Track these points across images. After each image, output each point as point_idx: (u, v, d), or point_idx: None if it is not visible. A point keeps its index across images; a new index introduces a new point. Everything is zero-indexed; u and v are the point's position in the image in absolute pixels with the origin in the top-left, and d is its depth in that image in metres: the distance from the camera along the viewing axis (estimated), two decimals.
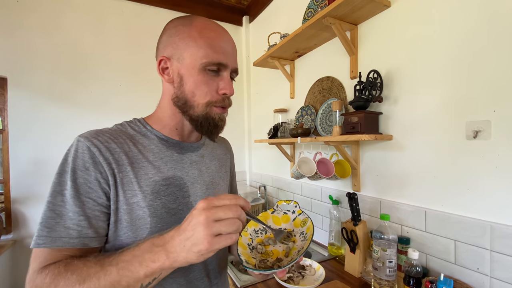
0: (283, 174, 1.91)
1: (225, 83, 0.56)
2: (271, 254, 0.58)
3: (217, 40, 0.55)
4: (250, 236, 0.62)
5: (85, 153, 0.50)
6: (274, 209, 0.68)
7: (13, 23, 1.64)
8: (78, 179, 0.48)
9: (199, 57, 0.53)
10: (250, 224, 0.64)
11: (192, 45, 0.54)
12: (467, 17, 0.84)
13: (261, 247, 0.60)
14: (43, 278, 0.43)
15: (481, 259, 0.81)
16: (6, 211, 1.63)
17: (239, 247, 0.57)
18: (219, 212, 0.40)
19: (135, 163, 0.54)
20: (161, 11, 2.11)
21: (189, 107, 0.56)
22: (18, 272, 1.65)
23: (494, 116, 0.79)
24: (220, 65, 0.55)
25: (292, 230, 0.63)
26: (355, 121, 1.08)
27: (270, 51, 1.62)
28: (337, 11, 1.10)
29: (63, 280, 0.42)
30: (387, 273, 0.92)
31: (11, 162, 1.63)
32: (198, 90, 0.55)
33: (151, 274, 0.42)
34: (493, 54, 0.79)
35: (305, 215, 0.63)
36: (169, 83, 0.58)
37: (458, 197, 0.88)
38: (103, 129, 0.56)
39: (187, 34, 0.55)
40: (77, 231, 0.47)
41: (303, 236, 0.58)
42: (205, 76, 0.54)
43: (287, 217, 0.66)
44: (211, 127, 0.58)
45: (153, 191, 0.54)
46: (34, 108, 1.68)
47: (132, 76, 1.99)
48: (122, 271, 0.42)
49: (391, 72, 1.09)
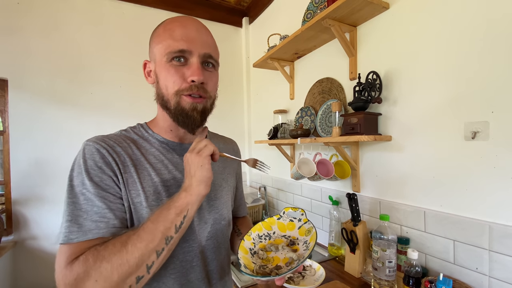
0: (283, 175, 1.91)
1: (192, 69, 0.54)
2: (272, 260, 0.59)
3: (178, 29, 0.55)
4: (253, 241, 0.62)
5: (95, 154, 0.52)
6: (281, 216, 0.68)
7: (14, 25, 1.65)
8: (93, 178, 0.50)
9: (163, 49, 0.55)
10: (254, 229, 0.65)
11: (158, 41, 0.56)
12: (465, 18, 0.85)
13: (263, 252, 0.60)
14: (82, 262, 0.43)
15: (480, 259, 0.82)
16: (7, 212, 1.64)
17: (240, 251, 0.58)
18: (202, 154, 0.53)
19: (138, 165, 0.56)
20: (162, 13, 2.12)
21: (166, 101, 0.57)
22: (18, 273, 1.65)
23: (492, 117, 0.79)
24: (182, 51, 0.54)
25: (296, 238, 0.63)
26: (355, 122, 1.09)
27: (269, 53, 1.62)
28: (336, 13, 1.11)
29: (106, 252, 0.44)
30: (387, 273, 0.93)
31: (11, 163, 1.63)
32: (168, 81, 0.55)
33: (180, 212, 0.49)
34: (492, 55, 0.80)
35: (310, 224, 0.63)
36: (151, 83, 0.61)
37: (457, 198, 0.89)
38: (109, 134, 0.59)
39: (156, 33, 0.58)
40: (105, 222, 0.49)
41: (306, 246, 0.59)
42: (171, 67, 0.55)
43: (292, 224, 0.66)
44: (184, 118, 0.57)
45: (155, 192, 0.55)
46: (34, 110, 1.69)
47: (132, 78, 1.99)
48: (156, 220, 0.48)
49: (390, 73, 1.09)
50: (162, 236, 0.47)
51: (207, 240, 0.62)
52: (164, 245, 0.47)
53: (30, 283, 1.67)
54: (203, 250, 0.62)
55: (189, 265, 0.59)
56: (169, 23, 0.57)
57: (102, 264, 0.43)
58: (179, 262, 0.58)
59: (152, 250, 0.46)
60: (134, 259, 0.44)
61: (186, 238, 0.58)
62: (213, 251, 0.64)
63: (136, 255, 0.44)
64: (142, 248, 0.45)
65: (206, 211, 0.63)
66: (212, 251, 0.63)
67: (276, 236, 0.65)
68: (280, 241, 0.63)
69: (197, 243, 0.61)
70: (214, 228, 0.64)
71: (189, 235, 0.59)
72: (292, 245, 0.62)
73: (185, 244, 0.59)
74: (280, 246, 0.61)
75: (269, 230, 0.66)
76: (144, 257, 0.45)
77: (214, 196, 0.66)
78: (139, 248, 0.45)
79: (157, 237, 0.46)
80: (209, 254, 0.63)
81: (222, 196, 0.68)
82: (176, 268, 0.57)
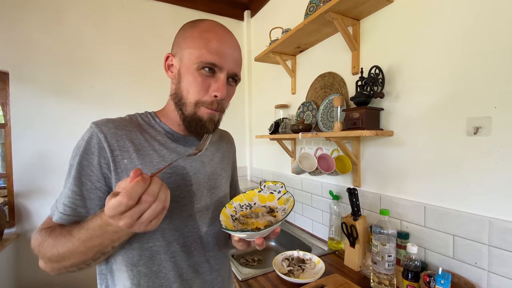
0: (283, 169, 1.92)
1: (217, 85, 0.56)
2: (251, 225, 0.60)
3: (215, 42, 0.55)
4: (234, 209, 0.64)
5: (93, 138, 0.54)
6: (261, 189, 0.70)
7: (14, 17, 1.63)
8: (83, 161, 0.53)
9: (195, 56, 0.55)
10: (236, 199, 0.66)
11: (190, 45, 0.56)
12: (469, 12, 0.84)
13: (243, 218, 0.62)
14: (37, 236, 0.52)
15: (479, 254, 0.83)
16: (9, 204, 1.65)
17: (222, 215, 0.59)
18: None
19: (141, 150, 0.57)
20: (163, 6, 2.10)
21: (182, 104, 0.59)
22: (21, 265, 1.67)
23: (495, 112, 0.79)
24: (214, 65, 0.55)
25: (276, 207, 0.65)
26: (356, 117, 1.09)
27: (271, 46, 1.61)
28: (340, 6, 1.10)
29: (45, 242, 0.50)
30: (386, 267, 0.94)
31: (13, 156, 1.64)
32: (191, 88, 0.57)
33: (112, 242, 0.48)
34: (495, 50, 0.79)
35: (289, 194, 0.65)
36: (171, 78, 0.61)
37: (458, 193, 0.89)
38: (115, 118, 0.60)
39: (189, 34, 0.57)
40: (72, 208, 0.53)
41: (284, 212, 0.60)
42: (199, 75, 0.56)
43: (272, 196, 0.68)
44: (198, 128, 0.59)
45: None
46: (36, 102, 1.69)
47: (133, 71, 1.98)
48: (86, 244, 0.47)
49: (393, 68, 1.09)
50: (94, 253, 0.49)
51: (208, 226, 0.65)
52: (100, 255, 0.50)
53: (32, 274, 1.69)
54: (203, 236, 0.63)
55: (189, 250, 0.61)
56: (206, 30, 0.56)
57: (43, 248, 0.50)
58: (179, 246, 0.59)
59: (85, 260, 0.50)
60: (69, 263, 0.50)
61: (186, 224, 0.60)
62: (213, 237, 0.66)
63: (70, 263, 0.50)
64: (75, 259, 0.49)
65: (208, 198, 0.65)
66: (212, 237, 0.65)
67: (257, 206, 0.67)
68: (260, 210, 0.65)
69: (197, 228, 0.62)
70: (214, 215, 0.66)
71: (189, 221, 0.61)
72: (272, 212, 0.63)
73: (185, 229, 0.60)
74: (260, 213, 0.63)
75: (250, 201, 0.68)
76: (79, 264, 0.50)
77: (215, 184, 0.68)
78: (73, 258, 0.49)
79: (89, 255, 0.49)
80: (210, 240, 0.65)
81: (222, 185, 0.71)
82: (176, 252, 0.59)
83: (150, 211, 0.38)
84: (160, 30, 2.07)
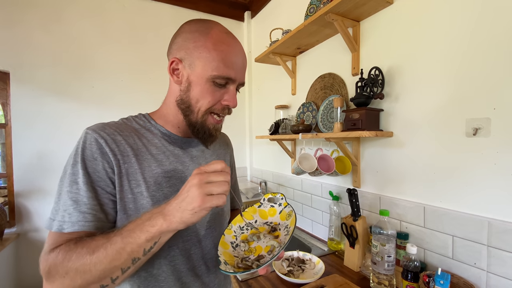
0: (283, 170, 1.92)
1: (230, 96, 0.58)
2: (254, 251, 0.58)
3: (230, 55, 0.56)
4: (234, 234, 0.62)
5: (93, 144, 0.52)
6: (261, 203, 0.68)
7: (15, 17, 1.64)
8: (88, 168, 0.51)
9: (210, 68, 0.55)
10: (235, 221, 0.65)
11: (205, 56, 0.55)
12: (469, 14, 0.85)
13: (244, 244, 0.60)
14: (55, 255, 0.46)
15: (478, 254, 0.83)
16: (10, 204, 1.65)
17: (220, 246, 0.58)
18: (211, 176, 0.45)
19: (139, 155, 0.57)
20: (163, 6, 2.10)
21: (190, 111, 0.59)
22: (21, 264, 1.67)
23: (494, 113, 0.79)
24: (228, 79, 0.57)
25: (278, 223, 0.64)
26: (356, 118, 1.09)
27: (272, 47, 1.62)
28: (340, 8, 1.10)
29: (74, 254, 0.45)
30: (386, 267, 0.94)
31: (14, 156, 1.64)
32: (202, 98, 0.57)
33: (151, 238, 0.45)
34: (494, 52, 0.79)
35: (290, 207, 0.64)
36: (176, 84, 0.59)
37: (457, 194, 0.89)
38: (109, 122, 0.59)
39: (202, 43, 0.55)
40: (92, 215, 0.50)
41: (286, 230, 0.59)
42: (212, 86, 0.56)
43: (274, 210, 0.67)
44: (206, 135, 0.61)
45: (155, 183, 0.57)
46: (36, 103, 1.69)
47: (134, 72, 1.99)
48: (126, 239, 0.45)
49: (392, 69, 1.09)
50: (128, 257, 0.46)
51: (206, 229, 0.64)
52: (131, 264, 0.47)
53: (32, 274, 1.69)
54: (202, 238, 0.63)
55: (188, 254, 0.61)
56: (221, 43, 0.55)
57: (69, 264, 0.44)
58: (179, 250, 0.59)
59: (116, 267, 0.46)
60: (97, 271, 0.44)
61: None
62: (212, 239, 0.65)
63: (100, 269, 0.44)
64: (107, 264, 0.44)
65: None
66: (210, 240, 0.65)
67: (258, 224, 0.65)
68: (262, 229, 0.63)
69: (196, 232, 0.62)
70: (213, 218, 0.66)
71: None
72: (274, 231, 0.62)
73: (185, 233, 0.60)
74: (262, 235, 0.61)
75: (250, 219, 0.66)
76: (107, 272, 0.45)
77: None
78: (104, 263, 0.44)
79: (123, 257, 0.45)
80: (208, 242, 0.65)
81: None
82: (175, 256, 0.59)
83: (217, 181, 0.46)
84: (160, 31, 2.08)
